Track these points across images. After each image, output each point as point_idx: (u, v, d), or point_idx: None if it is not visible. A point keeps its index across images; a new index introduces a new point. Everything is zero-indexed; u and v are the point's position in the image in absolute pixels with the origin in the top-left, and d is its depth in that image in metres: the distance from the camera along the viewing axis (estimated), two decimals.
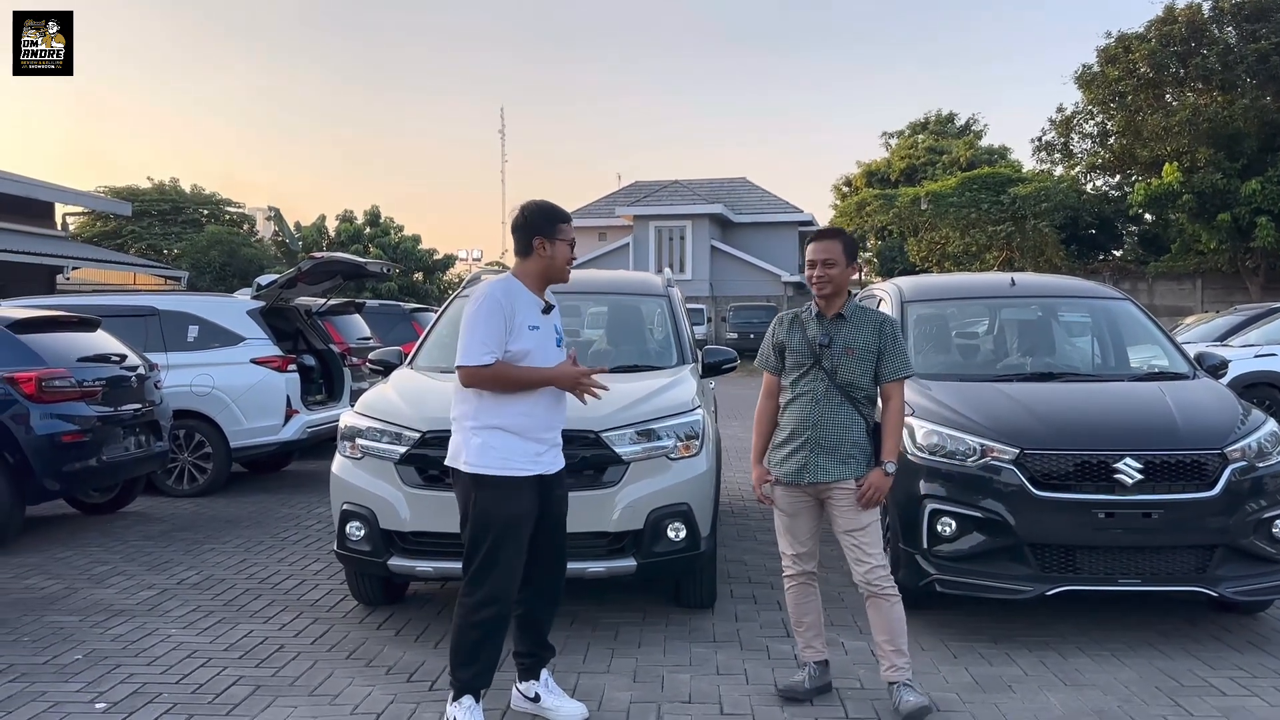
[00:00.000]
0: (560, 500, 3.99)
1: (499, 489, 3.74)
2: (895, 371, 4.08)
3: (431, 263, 41.85)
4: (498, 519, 3.74)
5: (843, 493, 4.04)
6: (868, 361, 4.07)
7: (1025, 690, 4.26)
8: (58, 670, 4.56)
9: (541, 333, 3.84)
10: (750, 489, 9.14)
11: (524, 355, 3.77)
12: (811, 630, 4.25)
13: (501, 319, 3.74)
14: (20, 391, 6.88)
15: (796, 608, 4.26)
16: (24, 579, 6.15)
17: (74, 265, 22.33)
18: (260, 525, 7.72)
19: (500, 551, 3.73)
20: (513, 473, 3.75)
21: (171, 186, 38.40)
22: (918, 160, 43.46)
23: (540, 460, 3.83)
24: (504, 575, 3.75)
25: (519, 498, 3.76)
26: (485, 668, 3.82)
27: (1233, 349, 13.23)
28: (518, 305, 3.80)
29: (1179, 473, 4.69)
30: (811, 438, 4.07)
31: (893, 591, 4.02)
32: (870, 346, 4.07)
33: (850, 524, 4.03)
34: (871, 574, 4.00)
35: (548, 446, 3.88)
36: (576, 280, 4.48)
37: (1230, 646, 4.80)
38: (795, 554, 4.24)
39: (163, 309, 9.42)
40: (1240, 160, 27.27)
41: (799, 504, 4.19)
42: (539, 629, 4.06)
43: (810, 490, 4.13)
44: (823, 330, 4.13)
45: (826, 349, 4.09)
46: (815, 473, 4.06)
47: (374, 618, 5.32)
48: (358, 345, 11.61)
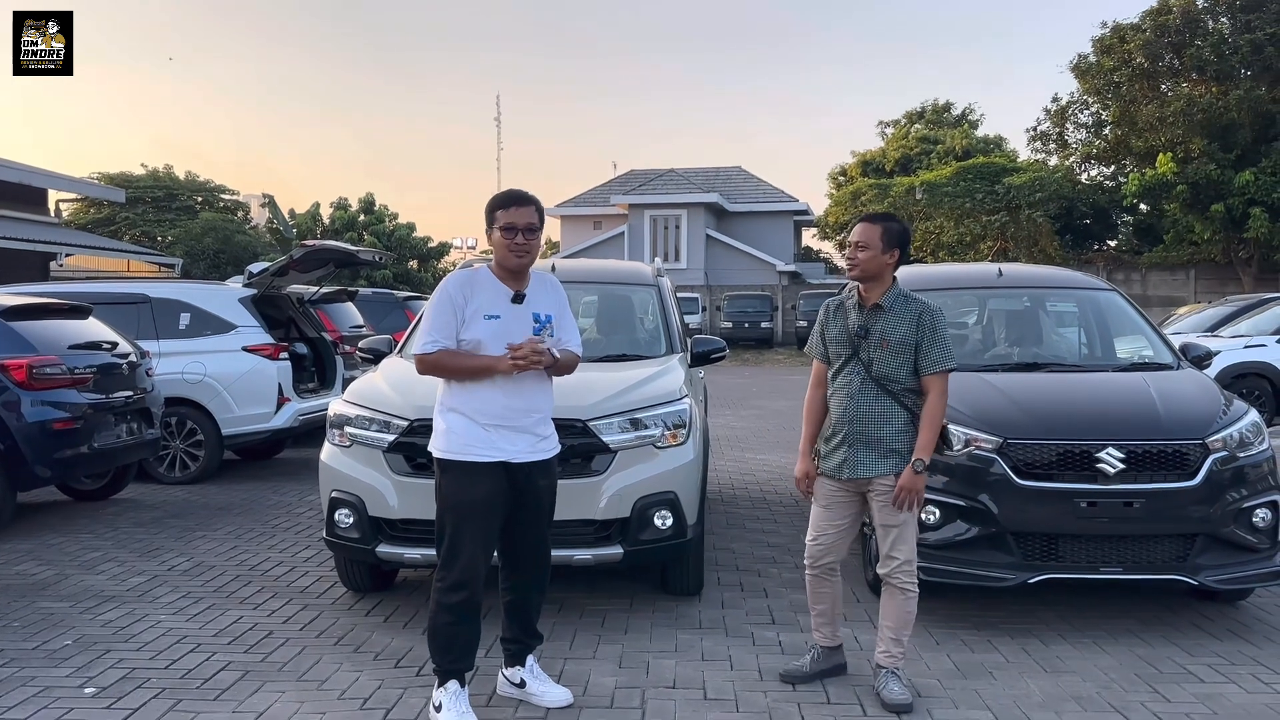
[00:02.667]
0: (543, 491, 3.96)
1: (456, 473, 3.78)
2: (934, 364, 3.97)
3: (426, 250, 41.85)
4: (455, 503, 3.78)
5: (884, 487, 4.00)
6: (904, 354, 3.99)
7: (1006, 677, 4.31)
8: (48, 655, 4.59)
9: (502, 322, 3.80)
10: (738, 478, 9.22)
11: (476, 344, 3.79)
12: (824, 617, 4.28)
13: (450, 309, 3.79)
14: (11, 379, 6.89)
15: (813, 594, 4.28)
16: (15, 565, 6.17)
17: (67, 252, 22.31)
18: (251, 513, 7.75)
19: (461, 536, 3.76)
20: (469, 458, 3.77)
21: (165, 173, 38.30)
22: (912, 150, 43.47)
23: (501, 448, 3.79)
24: (469, 560, 3.76)
25: (477, 483, 3.76)
26: (463, 651, 3.85)
27: (1223, 339, 13.30)
28: (474, 295, 3.82)
29: (1161, 462, 4.73)
30: (850, 432, 4.03)
31: (913, 587, 4.03)
32: (908, 339, 3.98)
33: (887, 519, 4.01)
34: (900, 567, 4.01)
35: (515, 433, 3.82)
36: (567, 270, 4.51)
37: (1209, 634, 4.85)
38: (820, 544, 4.18)
39: (155, 296, 9.43)
40: (1234, 151, 27.32)
41: (836, 497, 4.14)
42: (526, 616, 4.09)
43: (850, 486, 4.10)
44: (861, 320, 4.07)
45: (864, 340, 4.03)
46: (854, 468, 4.03)
47: (363, 604, 5.35)
48: (350, 333, 11.61)
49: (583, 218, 41.93)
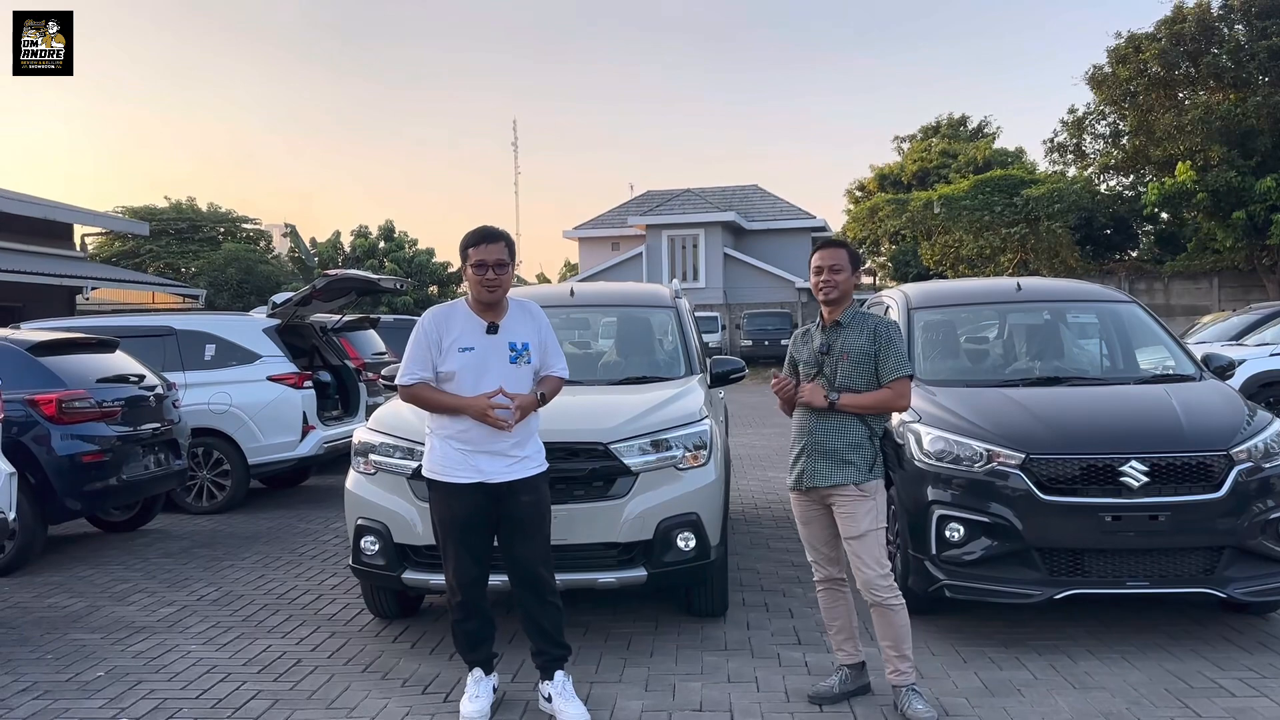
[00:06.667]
0: (526, 506, 4.11)
1: (440, 492, 4.12)
2: (892, 371, 4.12)
3: (445, 276, 42.07)
4: (441, 519, 4.15)
5: (843, 499, 4.10)
6: (864, 365, 4.13)
7: (1034, 694, 4.29)
8: (81, 687, 4.65)
9: (477, 354, 4.04)
10: (760, 497, 9.20)
11: (450, 377, 4.06)
12: (842, 634, 4.32)
13: (426, 344, 4.09)
14: (41, 413, 7.01)
15: (825, 611, 4.36)
16: (47, 598, 6.25)
17: (93, 285, 22.56)
18: (278, 541, 7.81)
19: (447, 548, 4.16)
20: (448, 479, 4.07)
21: (188, 205, 38.76)
22: (930, 164, 43.39)
23: (480, 468, 4.03)
24: (456, 569, 4.15)
25: (455, 503, 4.08)
26: (472, 645, 4.25)
27: (1248, 348, 13.18)
28: (449, 329, 4.08)
29: (1185, 475, 4.71)
30: (810, 443, 4.17)
31: (894, 599, 4.06)
32: (866, 350, 4.14)
33: (849, 531, 4.10)
34: (872, 582, 4.05)
35: (490, 456, 4.04)
36: (586, 293, 4.55)
37: (1239, 647, 4.81)
38: (815, 560, 4.34)
39: (180, 328, 9.55)
40: (1254, 158, 27.10)
41: (809, 512, 4.29)
42: (539, 629, 4.21)
43: (813, 496, 4.21)
44: (824, 338, 4.23)
45: (826, 356, 4.19)
46: (813, 477, 4.15)
47: (390, 631, 5.39)
48: (373, 360, 11.71)
49: (601, 239, 42.01)
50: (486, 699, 4.18)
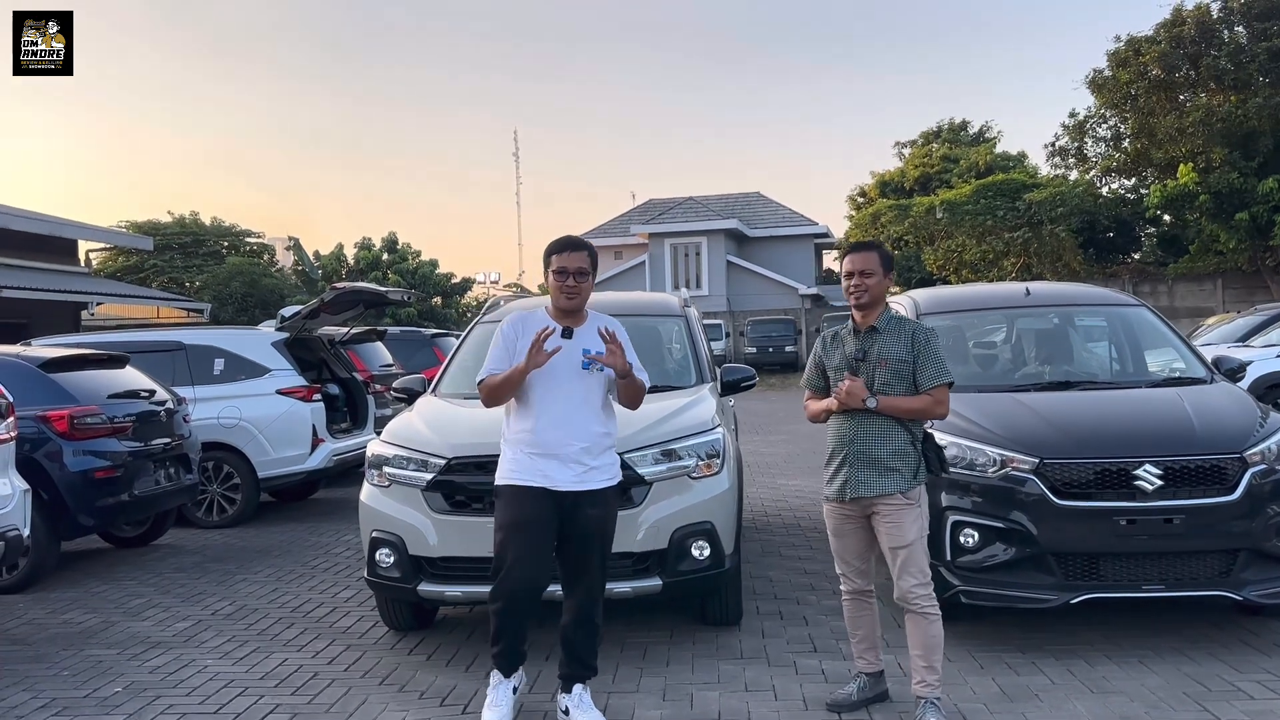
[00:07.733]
0: (590, 520, 4.10)
1: (506, 496, 4.12)
2: (931, 379, 4.05)
3: (449, 287, 42.17)
4: (503, 523, 4.09)
5: (889, 508, 4.03)
6: (902, 373, 4.07)
7: (1052, 699, 4.29)
8: (99, 703, 4.65)
9: (552, 356, 4.03)
10: (771, 504, 9.20)
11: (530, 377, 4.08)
12: (864, 643, 4.30)
13: (504, 346, 4.18)
14: (53, 429, 7.02)
15: (850, 621, 4.33)
16: (62, 614, 6.26)
17: (98, 301, 22.63)
18: (290, 554, 7.82)
19: (505, 552, 4.05)
20: (514, 482, 4.09)
21: (192, 220, 38.84)
22: (932, 169, 43.41)
23: (548, 475, 4.04)
24: (508, 575, 4.02)
25: (518, 507, 4.05)
26: (502, 652, 4.14)
27: (1254, 349, 13.17)
28: (526, 332, 4.12)
29: (1199, 478, 4.71)
30: (851, 453, 4.09)
31: (933, 610, 4.02)
32: (904, 357, 4.07)
33: (896, 540, 4.02)
34: (913, 591, 4.01)
35: (561, 463, 4.05)
36: (594, 302, 4.55)
37: (1257, 650, 4.80)
38: (845, 573, 4.28)
39: (189, 343, 9.58)
40: (1256, 159, 27.11)
41: (846, 524, 4.20)
42: (571, 648, 4.19)
43: (854, 507, 4.14)
44: (858, 344, 4.16)
45: (862, 362, 4.11)
46: (857, 487, 4.07)
47: (405, 643, 5.39)
48: (380, 372, 11.73)
49: (603, 249, 42.00)
50: (507, 706, 4.16)
